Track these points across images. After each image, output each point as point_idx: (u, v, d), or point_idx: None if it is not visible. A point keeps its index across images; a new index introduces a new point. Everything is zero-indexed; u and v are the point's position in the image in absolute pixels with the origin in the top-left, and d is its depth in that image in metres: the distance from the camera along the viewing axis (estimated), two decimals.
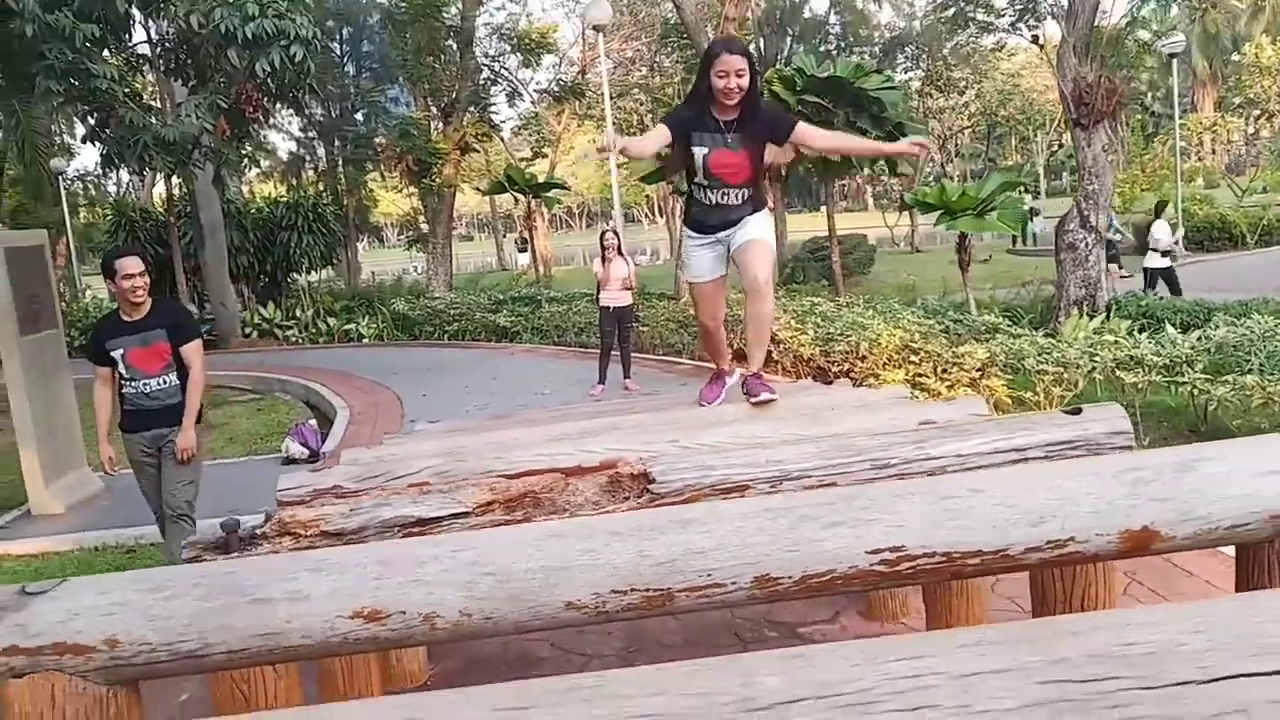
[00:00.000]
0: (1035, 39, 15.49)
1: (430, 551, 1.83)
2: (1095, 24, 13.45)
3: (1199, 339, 8.94)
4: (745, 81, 3.82)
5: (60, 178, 29.98)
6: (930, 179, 30.32)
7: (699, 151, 3.93)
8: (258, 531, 2.63)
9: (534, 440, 3.92)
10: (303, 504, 2.92)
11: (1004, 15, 15.53)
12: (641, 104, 30.85)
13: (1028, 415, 3.24)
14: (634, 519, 1.89)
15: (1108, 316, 12.29)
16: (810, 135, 4.11)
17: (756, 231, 4.06)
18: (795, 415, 3.88)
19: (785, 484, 2.57)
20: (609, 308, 11.36)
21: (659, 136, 3.98)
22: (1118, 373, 8.23)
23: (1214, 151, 49.26)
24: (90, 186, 42.02)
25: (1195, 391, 7.78)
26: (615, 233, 11.69)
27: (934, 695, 0.87)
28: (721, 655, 3.72)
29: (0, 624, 1.76)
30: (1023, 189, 37.03)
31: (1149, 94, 50.20)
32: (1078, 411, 2.76)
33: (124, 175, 36.35)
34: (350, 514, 2.75)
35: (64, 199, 31.48)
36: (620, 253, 11.43)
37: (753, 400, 3.90)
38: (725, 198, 4.02)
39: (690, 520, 1.90)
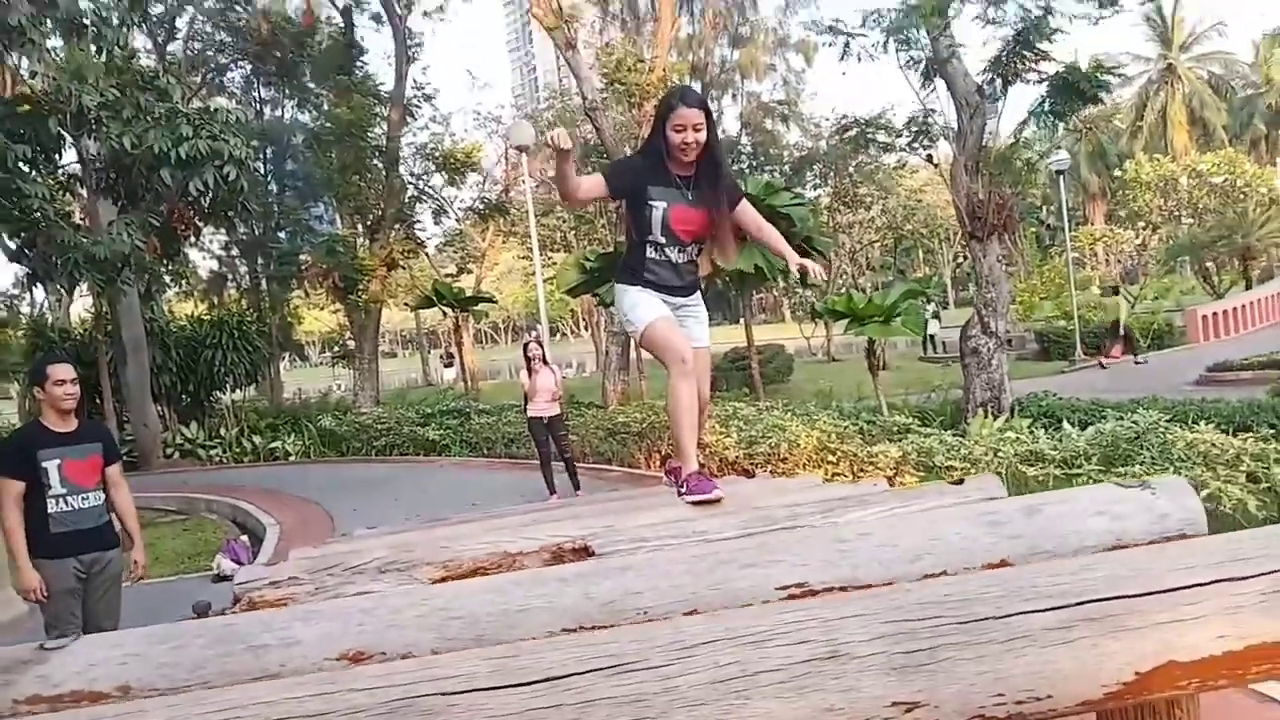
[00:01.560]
0: (929, 158, 16.64)
1: (404, 601, 2.10)
2: (984, 145, 14.54)
3: (1093, 434, 9.58)
4: (704, 137, 3.57)
5: None
6: (842, 290, 31.60)
7: (658, 206, 3.64)
8: (227, 611, 2.86)
9: (476, 533, 4.17)
10: (269, 585, 3.14)
11: (901, 135, 16.66)
12: (564, 221, 31.79)
13: (920, 487, 3.63)
14: (580, 567, 2.20)
15: (1011, 415, 13.00)
16: (748, 215, 3.86)
17: (702, 332, 3.92)
18: (748, 515, 4.22)
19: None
20: (541, 419, 11.19)
21: (593, 185, 3.74)
22: (1020, 467, 8.77)
23: (1107, 261, 52.23)
24: (2, 307, 41.13)
25: (1090, 482, 8.33)
26: (539, 343, 11.73)
27: (809, 632, 1.22)
28: None
29: (25, 676, 1.96)
30: (925, 298, 38.75)
31: (1044, 208, 53.32)
32: (960, 482, 3.16)
33: (39, 295, 35.76)
34: (316, 591, 2.98)
35: None
36: (545, 363, 11.41)
37: (689, 498, 3.49)
38: (680, 256, 3.74)
39: (628, 568, 2.20)
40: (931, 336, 33.68)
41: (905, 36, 14.23)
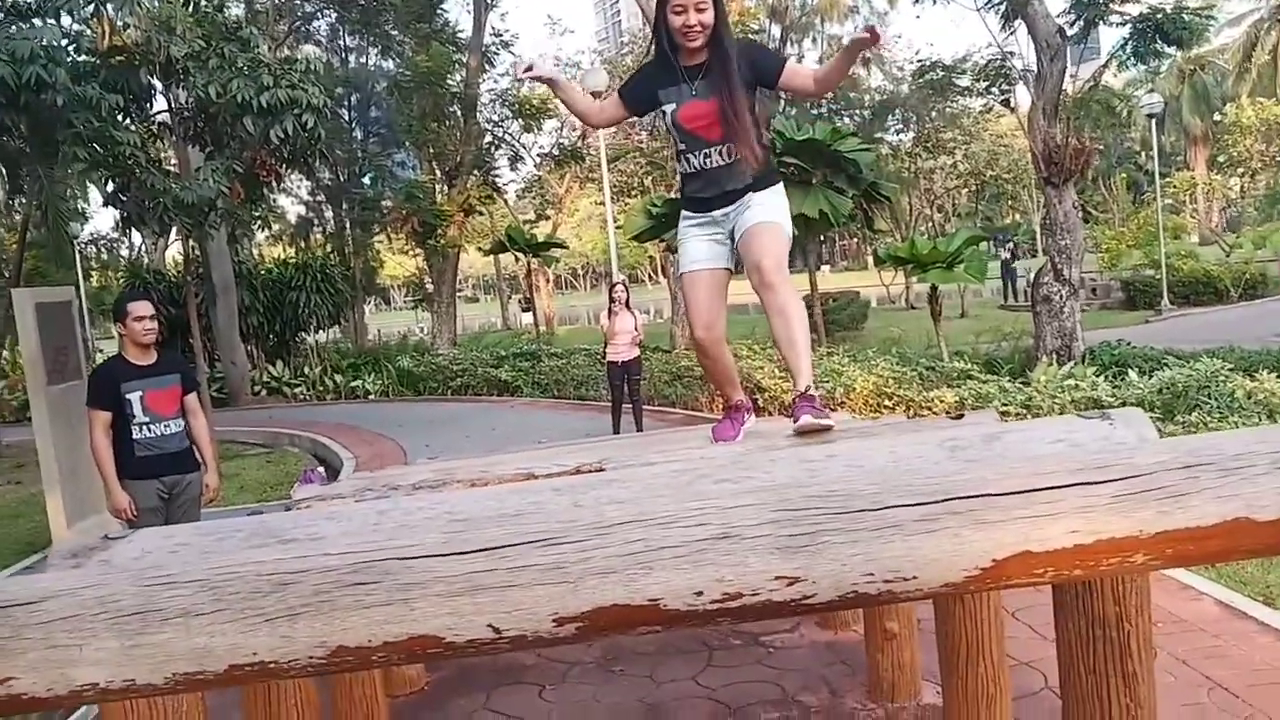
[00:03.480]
0: (1006, 102, 16.29)
1: (415, 504, 2.38)
2: (1063, 88, 14.19)
3: (1156, 383, 9.49)
4: (709, 17, 3.15)
5: (75, 242, 30.89)
6: (925, 236, 31.11)
7: (667, 109, 3.29)
8: None
9: (514, 460, 4.49)
10: (317, 499, 3.48)
11: (980, 79, 16.32)
12: (640, 166, 31.83)
13: (921, 419, 3.80)
14: (574, 480, 2.46)
15: (1080, 363, 12.85)
16: (800, 76, 3.36)
17: (763, 213, 3.30)
18: (751, 437, 4.43)
19: None
20: (616, 362, 11.25)
21: (611, 105, 3.51)
22: (1076, 414, 8.76)
23: (1209, 209, 50.24)
24: (103, 250, 42.93)
25: None
26: (625, 286, 11.74)
27: (709, 516, 1.45)
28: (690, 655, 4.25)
29: (91, 560, 2.30)
30: (1008, 244, 37.85)
31: (1142, 152, 51.33)
32: (960, 417, 3.32)
33: (136, 239, 37.33)
34: (355, 503, 3.32)
35: (79, 263, 32.36)
36: (628, 306, 11.35)
37: (796, 427, 2.95)
38: (708, 160, 3.30)
39: (614, 480, 2.44)
40: (1014, 284, 33.04)
41: None
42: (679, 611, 1.45)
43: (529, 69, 3.31)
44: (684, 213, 3.51)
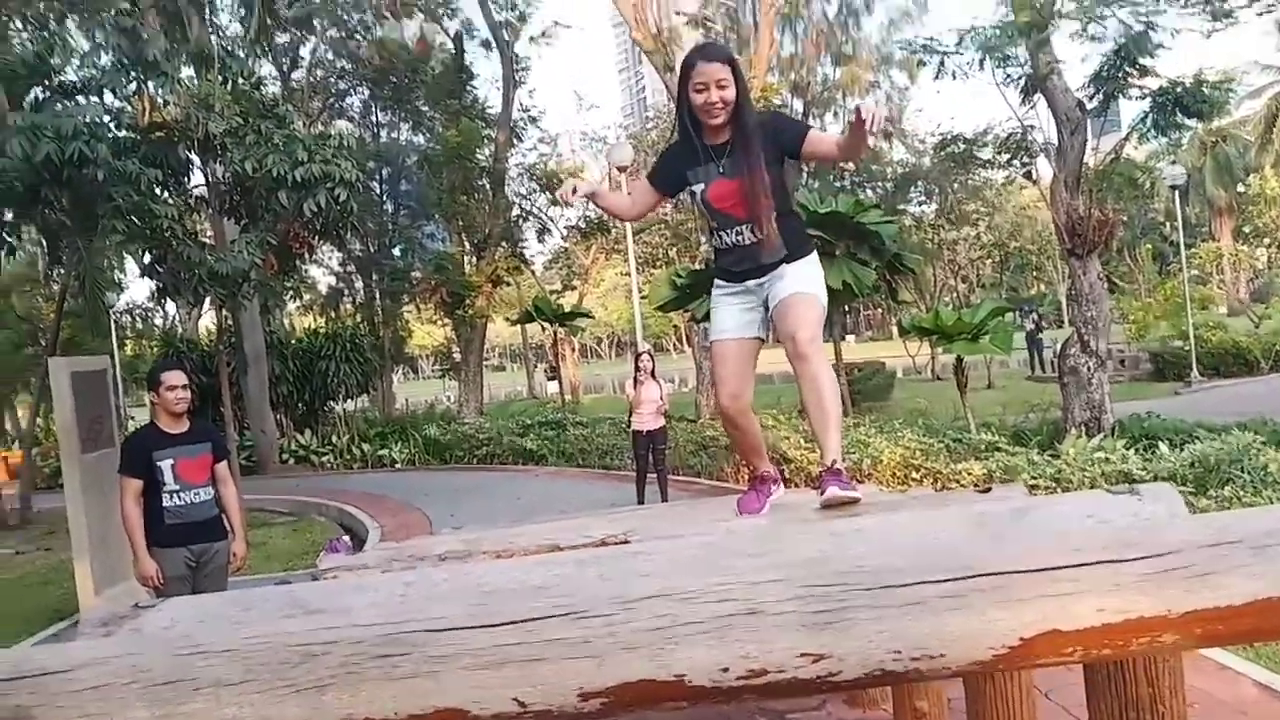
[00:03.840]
0: (1029, 174, 16.40)
1: (441, 576, 2.40)
2: (1084, 161, 14.29)
3: (1187, 456, 9.36)
4: (730, 94, 3.15)
5: (111, 311, 31.47)
6: (949, 307, 31.11)
7: (696, 189, 3.30)
8: None
9: (539, 531, 4.48)
10: (344, 569, 3.49)
11: (1001, 152, 16.48)
12: (665, 238, 32.19)
13: (949, 492, 3.76)
14: (600, 552, 2.46)
15: (1110, 435, 12.71)
16: (823, 144, 3.30)
17: (797, 283, 3.28)
18: (777, 510, 4.40)
19: None
20: (642, 431, 11.11)
21: (642, 194, 3.51)
22: (1107, 487, 8.65)
23: (1236, 279, 49.99)
24: (138, 320, 43.63)
25: None
26: (651, 355, 11.69)
27: (734, 592, 1.45)
28: None
29: (121, 628, 2.32)
30: (1033, 315, 37.74)
31: (1166, 223, 51.30)
32: (988, 490, 3.30)
33: (170, 309, 37.94)
34: (381, 576, 3.33)
35: (114, 332, 32.92)
36: (653, 376, 11.25)
37: (822, 500, 2.91)
38: (740, 237, 3.28)
39: (639, 553, 2.44)
40: (1040, 355, 32.85)
41: (1003, 54, 14.11)
42: (704, 688, 1.45)
43: (574, 191, 3.30)
44: (717, 281, 3.49)
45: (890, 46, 30.57)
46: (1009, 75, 14.60)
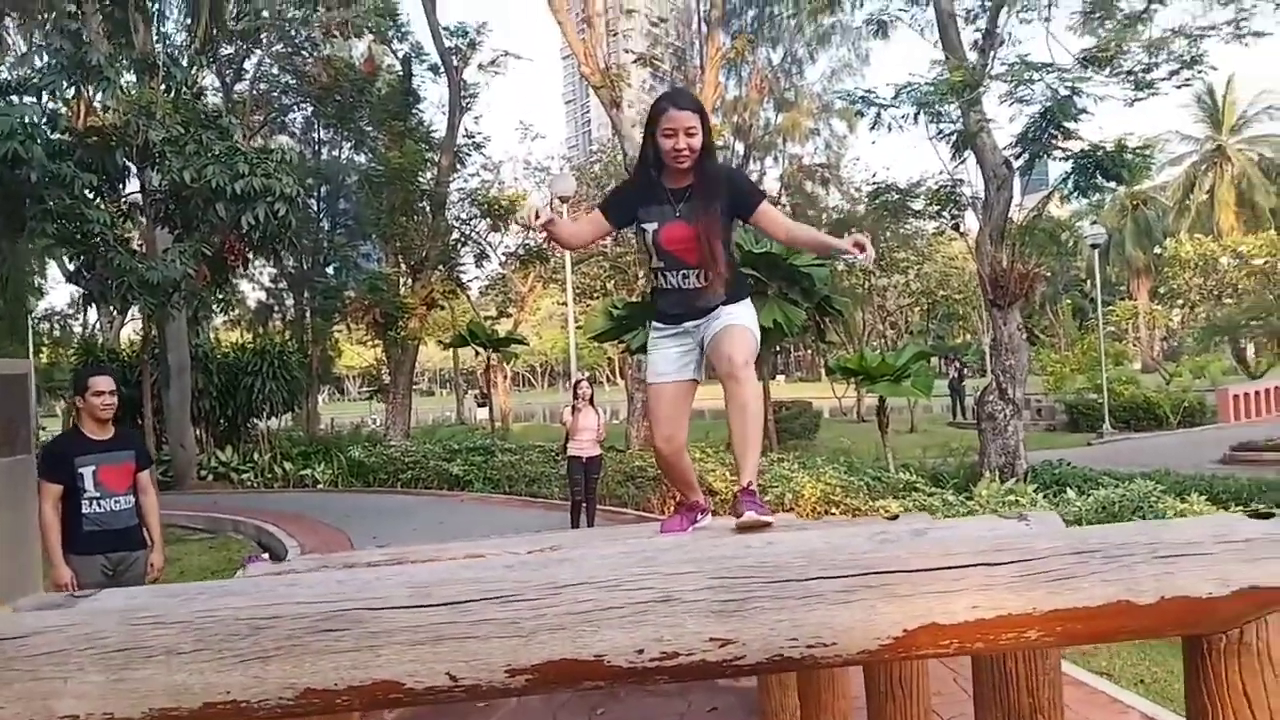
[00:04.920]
0: (956, 226, 17.02)
1: (374, 575, 2.50)
2: (1009, 216, 14.90)
3: (1093, 502, 9.79)
4: (697, 142, 3.24)
5: (30, 316, 30.56)
6: (876, 351, 31.80)
7: (648, 228, 3.34)
8: None
9: (466, 547, 4.58)
10: (271, 573, 3.55)
11: (931, 204, 17.07)
12: (603, 270, 32.44)
13: (856, 519, 3.97)
14: (528, 559, 2.60)
15: (1023, 481, 13.18)
16: (772, 219, 3.45)
17: (732, 319, 3.38)
18: (699, 532, 4.57)
19: None
20: (580, 457, 11.13)
21: (592, 224, 3.53)
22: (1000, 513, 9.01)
23: (1151, 337, 51.98)
24: (56, 327, 42.37)
25: None
26: (589, 383, 11.75)
27: (651, 581, 1.61)
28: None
29: (53, 615, 2.38)
30: (959, 362, 38.79)
31: (1087, 280, 53.20)
32: (895, 518, 3.51)
33: (90, 317, 37.00)
34: (314, 574, 3.40)
35: (30, 338, 31.95)
36: (591, 404, 11.32)
37: (738, 522, 3.00)
38: (685, 280, 3.36)
39: (567, 560, 2.57)
40: (962, 401, 33.75)
41: (935, 110, 14.69)
42: (621, 668, 1.59)
43: (537, 216, 3.29)
44: (655, 323, 3.55)
45: (830, 96, 31.42)
46: (941, 130, 15.21)
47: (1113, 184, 15.42)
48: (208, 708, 1.54)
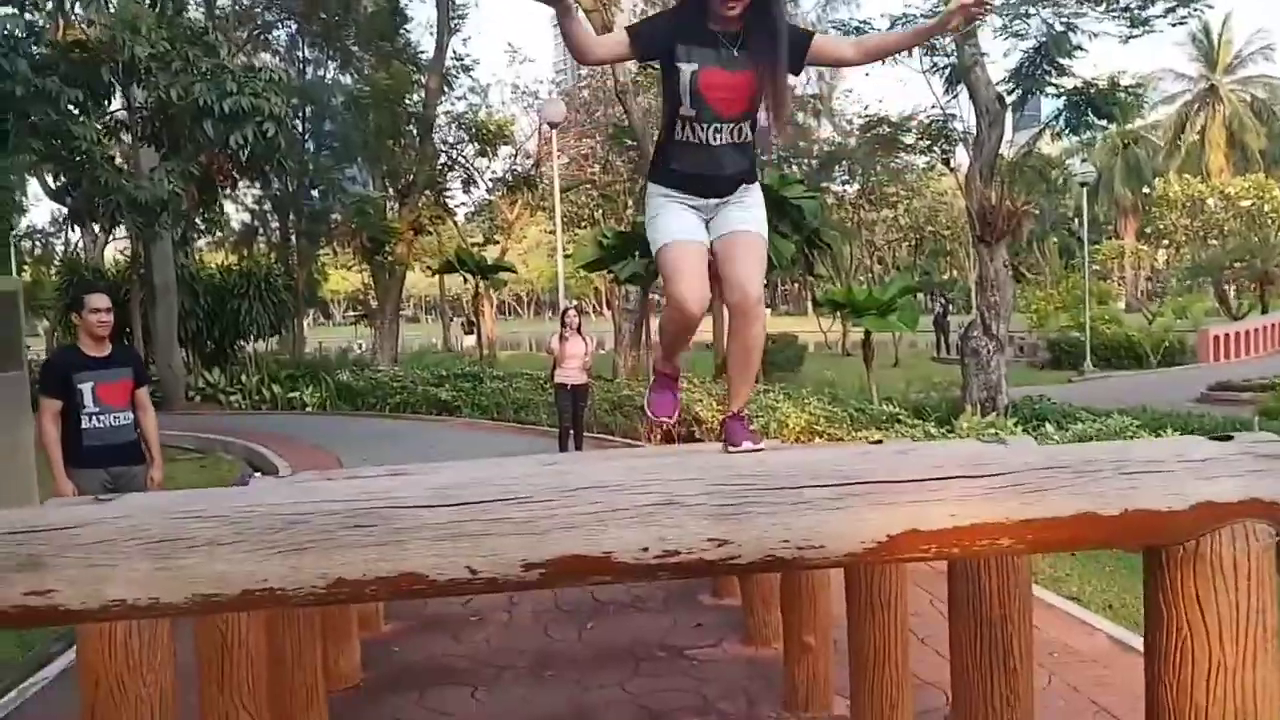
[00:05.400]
0: (946, 161, 17.04)
1: (383, 472, 2.62)
2: (1000, 153, 14.93)
3: (1071, 436, 10.02)
4: None
5: (12, 235, 30.24)
6: (863, 285, 31.92)
7: (685, 69, 2.86)
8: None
9: (465, 467, 4.74)
10: (279, 479, 3.68)
11: (923, 139, 17.08)
12: (592, 199, 32.26)
13: (843, 443, 4.13)
14: (532, 467, 2.73)
15: (1003, 415, 13.43)
16: (834, 45, 3.12)
17: (753, 218, 3.04)
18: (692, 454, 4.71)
19: None
20: (565, 385, 11.19)
21: (613, 41, 3.05)
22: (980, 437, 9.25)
23: (1136, 277, 52.32)
24: (38, 245, 41.89)
25: None
26: (578, 311, 11.80)
27: (655, 486, 1.75)
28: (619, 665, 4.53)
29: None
30: (944, 298, 39.01)
31: (1075, 219, 53.24)
32: (879, 443, 3.66)
33: (73, 236, 36.61)
34: (326, 482, 3.54)
35: (12, 257, 31.65)
36: (579, 332, 11.33)
37: (730, 449, 2.92)
38: (719, 135, 2.93)
39: (571, 471, 2.69)
40: (947, 337, 34.05)
41: (931, 43, 14.60)
42: (628, 564, 1.73)
43: None
44: (659, 188, 3.07)
45: (825, 25, 30.97)
46: (935, 64, 15.14)
47: (1104, 122, 15.44)
48: (246, 594, 1.67)
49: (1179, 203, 36.92)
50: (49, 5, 13.34)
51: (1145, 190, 47.34)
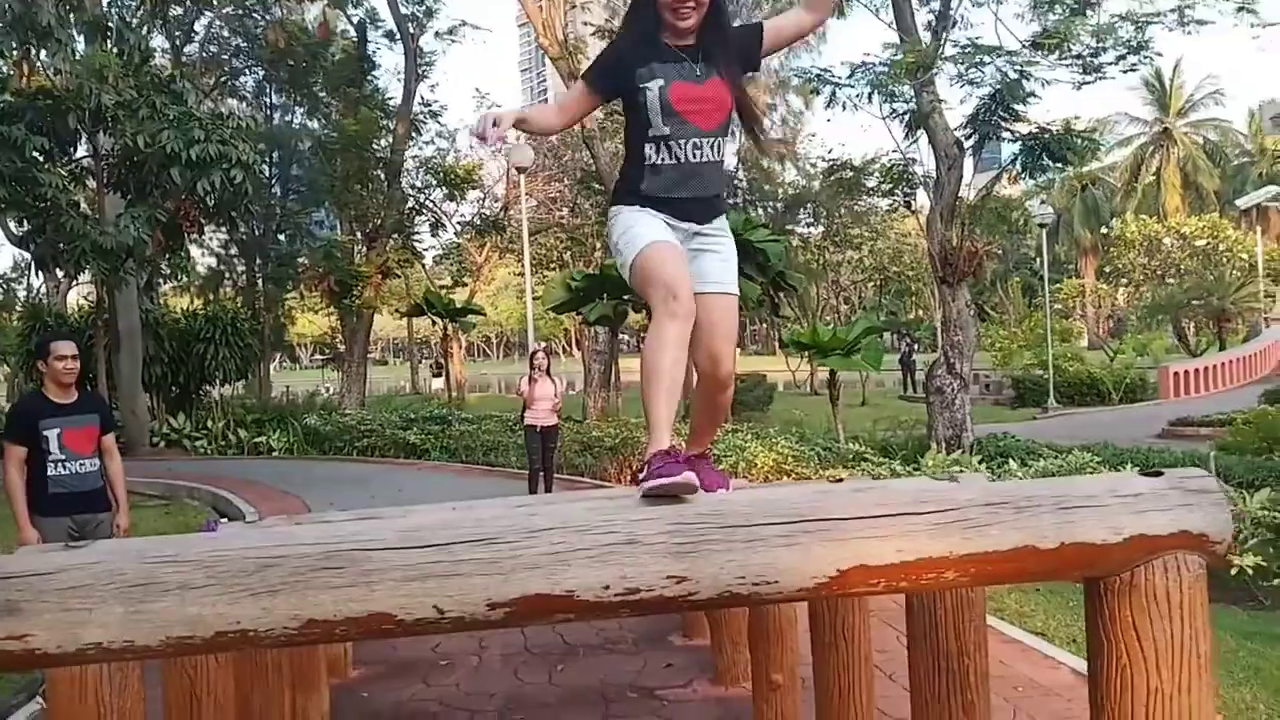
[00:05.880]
0: (908, 204, 17.38)
1: (358, 524, 2.67)
2: (959, 195, 15.26)
3: (1033, 472, 10.18)
4: None
5: None
6: (830, 325, 32.28)
7: (652, 87, 2.71)
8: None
9: (434, 510, 4.77)
10: (244, 526, 3.71)
11: (885, 182, 17.42)
12: (560, 242, 32.50)
13: (806, 482, 4.21)
14: (499, 510, 2.79)
15: (968, 452, 13.59)
16: (784, 21, 2.95)
17: (730, 277, 2.86)
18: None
19: None
20: (535, 427, 11.24)
21: (575, 99, 2.91)
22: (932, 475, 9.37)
23: (1098, 314, 53.26)
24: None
25: None
26: (546, 353, 11.92)
27: (617, 526, 1.82)
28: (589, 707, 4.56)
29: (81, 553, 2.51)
30: (909, 337, 39.45)
31: (1037, 259, 54.18)
32: (840, 480, 3.76)
33: (35, 280, 36.21)
34: (293, 527, 3.57)
35: None
36: (548, 374, 11.44)
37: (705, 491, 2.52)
38: (697, 152, 2.75)
39: (537, 514, 2.75)
40: (913, 376, 34.40)
41: (889, 90, 14.97)
42: (589, 602, 1.80)
43: (495, 124, 2.65)
44: (629, 206, 2.80)
45: (787, 73, 31.62)
46: (895, 110, 15.49)
47: (1059, 165, 15.84)
48: (219, 636, 1.72)
49: (1136, 242, 37.75)
50: (14, 54, 13.33)
51: (1104, 230, 48.31)
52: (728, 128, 2.83)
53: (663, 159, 2.75)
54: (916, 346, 40.95)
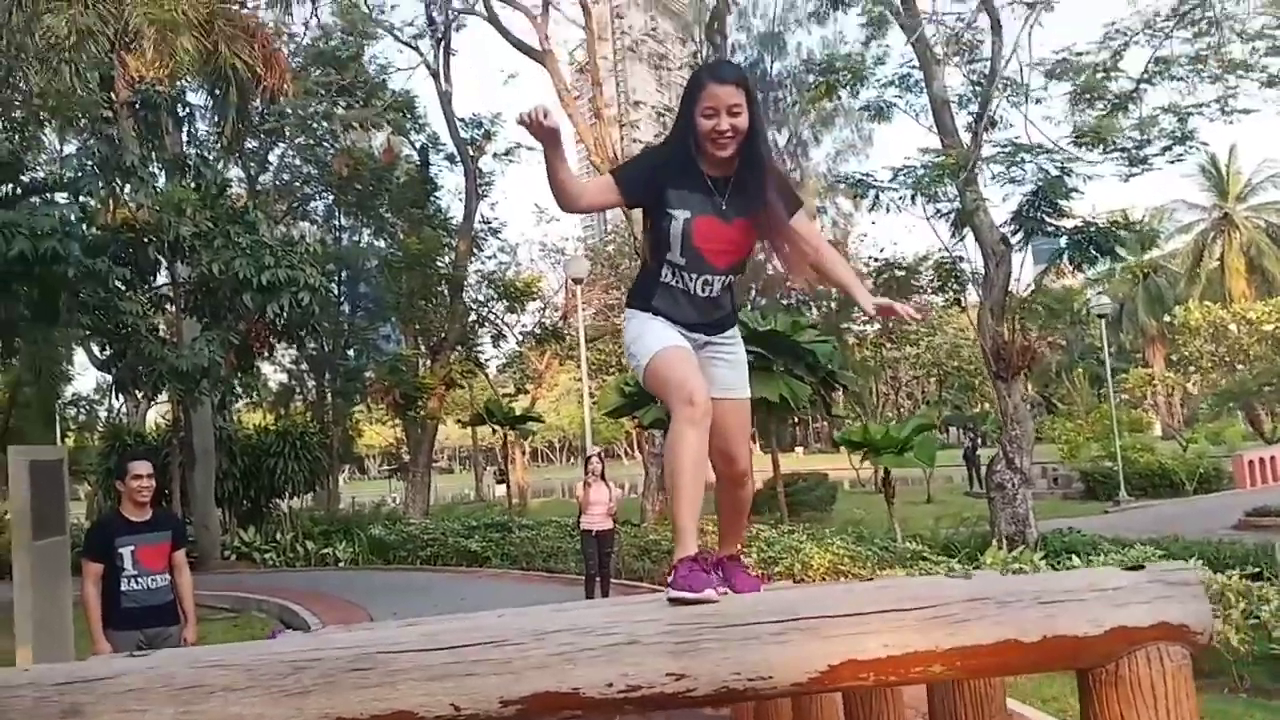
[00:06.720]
0: (958, 301, 17.44)
1: (397, 629, 2.85)
2: (1009, 290, 15.31)
3: (1094, 565, 9.97)
4: (742, 121, 2.71)
5: (58, 402, 31.24)
6: (891, 421, 31.99)
7: (678, 216, 2.76)
8: None
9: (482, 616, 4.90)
10: (307, 634, 3.88)
11: (936, 279, 17.54)
12: (617, 346, 32.99)
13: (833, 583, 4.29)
14: (526, 615, 2.94)
15: (1032, 549, 13.32)
16: (809, 231, 2.98)
17: (740, 382, 2.95)
18: None
19: None
20: (590, 531, 11.41)
21: (599, 188, 2.90)
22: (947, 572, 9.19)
23: (1169, 403, 51.95)
24: (82, 411, 42.99)
25: None
26: (600, 459, 12.11)
27: (619, 627, 1.97)
28: None
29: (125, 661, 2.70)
30: (973, 433, 38.80)
31: (1103, 348, 53.27)
32: (871, 579, 3.84)
33: (116, 401, 37.67)
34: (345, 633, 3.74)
35: (58, 423, 32.60)
36: (603, 478, 11.60)
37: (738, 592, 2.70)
38: (708, 288, 2.84)
39: (559, 610, 2.90)
40: (978, 471, 33.76)
41: (931, 191, 15.23)
42: (594, 699, 1.95)
43: (546, 114, 2.56)
44: (649, 314, 2.88)
45: (832, 179, 32.18)
46: (939, 210, 15.73)
47: (1107, 258, 15.83)
48: None
49: (1200, 329, 37.03)
50: (101, 192, 14.28)
51: (1167, 318, 47.51)
52: (743, 266, 2.91)
53: (677, 283, 2.85)
54: (982, 441, 40.26)
